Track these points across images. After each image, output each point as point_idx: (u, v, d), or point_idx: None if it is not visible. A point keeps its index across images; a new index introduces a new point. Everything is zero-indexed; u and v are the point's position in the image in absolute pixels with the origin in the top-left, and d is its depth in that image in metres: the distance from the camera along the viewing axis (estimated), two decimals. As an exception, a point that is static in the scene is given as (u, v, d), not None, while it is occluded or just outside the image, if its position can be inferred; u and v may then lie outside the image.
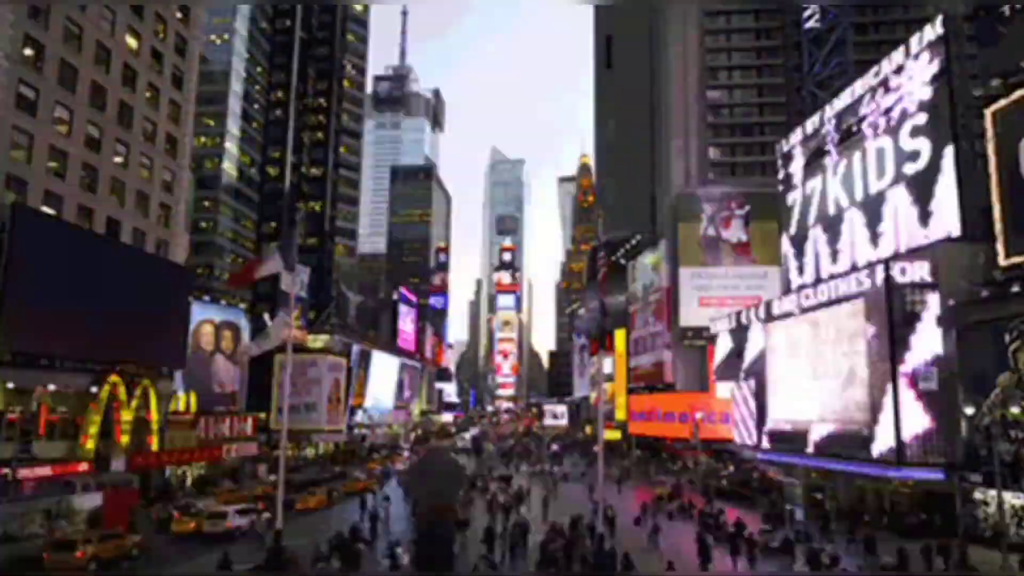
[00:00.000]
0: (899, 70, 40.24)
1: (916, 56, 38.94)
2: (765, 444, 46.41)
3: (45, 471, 35.21)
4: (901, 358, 33.77)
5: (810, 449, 40.48)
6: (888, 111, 41.03)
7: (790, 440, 42.84)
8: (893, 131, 40.45)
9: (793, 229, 51.86)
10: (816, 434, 40.24)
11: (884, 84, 41.48)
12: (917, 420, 33.20)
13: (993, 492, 28.56)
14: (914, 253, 36.87)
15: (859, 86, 44.21)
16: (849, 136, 44.79)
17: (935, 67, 37.45)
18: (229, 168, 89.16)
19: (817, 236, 48.26)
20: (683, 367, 75.04)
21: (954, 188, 35.79)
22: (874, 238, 41.74)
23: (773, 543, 30.66)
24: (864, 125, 43.21)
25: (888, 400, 33.98)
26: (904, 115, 39.57)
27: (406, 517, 37.63)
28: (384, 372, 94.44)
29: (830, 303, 39.95)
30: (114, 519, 32.70)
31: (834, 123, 46.67)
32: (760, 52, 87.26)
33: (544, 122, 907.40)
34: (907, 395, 33.40)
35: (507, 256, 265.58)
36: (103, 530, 30.25)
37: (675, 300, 75.73)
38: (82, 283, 39.33)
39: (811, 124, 49.98)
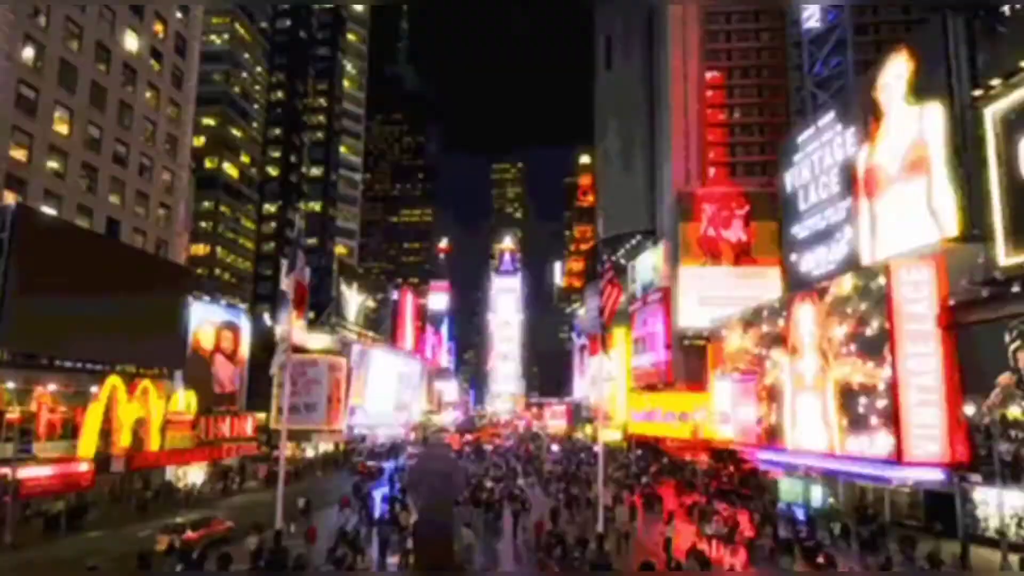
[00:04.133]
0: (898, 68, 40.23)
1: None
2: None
3: (45, 471, 35.22)
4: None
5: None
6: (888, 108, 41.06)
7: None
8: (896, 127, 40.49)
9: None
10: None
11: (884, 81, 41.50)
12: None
13: (993, 492, 28.52)
14: (914, 252, 36.81)
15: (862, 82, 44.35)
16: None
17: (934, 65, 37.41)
18: (229, 168, 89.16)
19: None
20: (683, 367, 74.93)
21: (954, 187, 35.79)
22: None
23: (765, 541, 30.61)
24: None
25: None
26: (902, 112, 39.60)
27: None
28: (384, 372, 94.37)
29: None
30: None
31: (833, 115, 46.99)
32: (760, 52, 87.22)
33: (544, 122, 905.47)
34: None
35: (507, 256, 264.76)
36: None
37: (675, 300, 75.69)
38: (82, 283, 39.28)
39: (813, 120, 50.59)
